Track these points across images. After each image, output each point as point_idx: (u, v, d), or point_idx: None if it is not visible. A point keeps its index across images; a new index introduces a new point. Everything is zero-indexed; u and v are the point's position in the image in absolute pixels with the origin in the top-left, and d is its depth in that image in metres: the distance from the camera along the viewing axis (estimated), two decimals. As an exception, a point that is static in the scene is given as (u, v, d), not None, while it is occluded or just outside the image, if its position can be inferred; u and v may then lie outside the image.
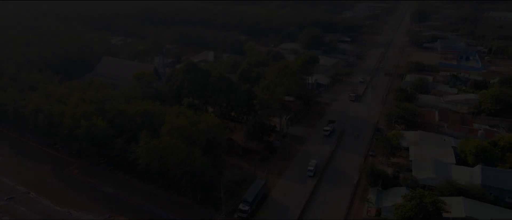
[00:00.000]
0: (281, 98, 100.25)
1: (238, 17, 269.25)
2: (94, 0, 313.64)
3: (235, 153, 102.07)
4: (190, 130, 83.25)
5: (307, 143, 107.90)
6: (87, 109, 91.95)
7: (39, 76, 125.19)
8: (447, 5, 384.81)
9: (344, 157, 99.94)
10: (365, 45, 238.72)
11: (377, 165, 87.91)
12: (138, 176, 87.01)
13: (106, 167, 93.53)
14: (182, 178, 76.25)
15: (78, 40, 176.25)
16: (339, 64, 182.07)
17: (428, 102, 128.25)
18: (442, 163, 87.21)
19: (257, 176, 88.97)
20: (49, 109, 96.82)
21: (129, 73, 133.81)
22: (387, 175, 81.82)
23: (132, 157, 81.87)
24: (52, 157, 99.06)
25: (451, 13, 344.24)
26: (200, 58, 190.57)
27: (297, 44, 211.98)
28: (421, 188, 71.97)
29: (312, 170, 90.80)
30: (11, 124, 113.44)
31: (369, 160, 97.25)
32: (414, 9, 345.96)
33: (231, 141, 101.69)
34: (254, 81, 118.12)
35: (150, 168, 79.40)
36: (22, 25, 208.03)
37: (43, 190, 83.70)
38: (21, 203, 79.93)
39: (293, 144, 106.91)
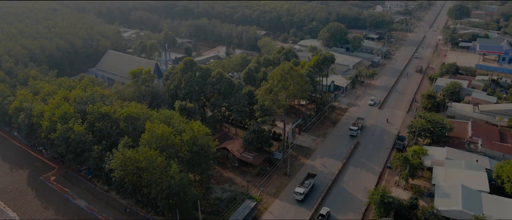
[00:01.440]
0: (285, 104, 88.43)
1: (258, 11, 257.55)
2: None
3: (231, 164, 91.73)
4: (173, 140, 73.52)
5: (315, 156, 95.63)
6: (67, 110, 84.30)
7: (34, 71, 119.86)
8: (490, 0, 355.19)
9: (355, 173, 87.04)
10: (394, 44, 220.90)
11: (391, 190, 74.60)
12: (116, 188, 78.42)
13: (86, 175, 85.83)
14: (158, 196, 66.59)
15: (84, 33, 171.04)
16: (362, 65, 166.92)
17: (460, 112, 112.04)
18: (473, 191, 72.67)
19: (250, 194, 78.22)
20: (30, 108, 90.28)
21: (129, 68, 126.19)
22: (401, 205, 68.51)
23: (108, 168, 73.23)
24: (33, 160, 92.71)
25: (494, 9, 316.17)
26: (212, 54, 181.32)
27: (318, 41, 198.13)
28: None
29: (302, 193, 76.68)
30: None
31: (383, 181, 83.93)
32: (452, 4, 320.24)
33: (227, 150, 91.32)
34: (261, 82, 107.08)
35: (125, 182, 70.48)
36: (37, 16, 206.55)
37: (12, 200, 77.02)
38: (-14, 214, 73.58)
39: (298, 156, 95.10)
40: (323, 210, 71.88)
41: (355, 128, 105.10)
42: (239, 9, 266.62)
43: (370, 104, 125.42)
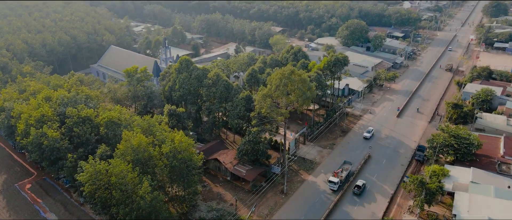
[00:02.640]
0: (285, 112, 78.65)
1: (275, 6, 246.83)
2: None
3: (223, 177, 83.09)
4: (151, 152, 65.52)
5: (318, 170, 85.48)
6: (45, 113, 77.96)
7: (27, 67, 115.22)
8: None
9: (362, 195, 76.39)
10: (420, 43, 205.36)
11: (403, 218, 63.81)
12: (90, 202, 71.34)
13: (64, 184, 79.46)
14: (126, 218, 58.79)
15: (90, 27, 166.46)
16: (383, 66, 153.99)
17: (492, 125, 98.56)
18: (502, 226, 60.83)
19: (238, 215, 69.38)
20: (11, 108, 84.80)
21: (130, 65, 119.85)
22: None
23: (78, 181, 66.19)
24: (13, 165, 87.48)
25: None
26: (221, 51, 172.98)
27: (336, 39, 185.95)
28: None
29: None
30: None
31: (394, 205, 72.95)
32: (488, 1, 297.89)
33: (218, 162, 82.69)
34: (265, 85, 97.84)
35: (95, 198, 63.15)
36: (48, 9, 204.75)
37: (-20, 210, 71.43)
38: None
39: (299, 171, 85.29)
40: (359, 182, 77.60)
41: (336, 179, 76.97)
42: (256, 4, 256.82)
43: (365, 138, 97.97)
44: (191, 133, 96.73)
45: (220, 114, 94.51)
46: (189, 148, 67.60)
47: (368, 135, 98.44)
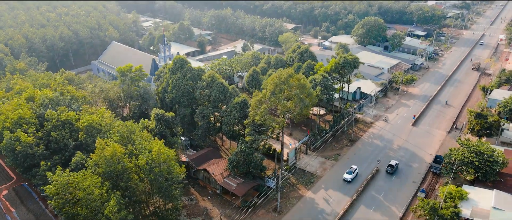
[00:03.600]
0: (281, 121, 70.99)
1: (290, 2, 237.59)
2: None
3: (212, 190, 76.36)
4: (125, 164, 59.29)
5: (318, 185, 77.52)
6: (23, 115, 73.01)
7: (21, 63, 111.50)
8: None
9: (366, 216, 68.10)
10: (444, 42, 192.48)
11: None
12: (64, 214, 66.00)
13: (41, 192, 74.48)
14: (91, 239, 52.88)
15: (94, 22, 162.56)
16: (400, 67, 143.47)
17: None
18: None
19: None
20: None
21: (134, 63, 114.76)
22: None
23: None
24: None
25: None
26: (228, 49, 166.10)
27: (352, 37, 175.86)
28: None
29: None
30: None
31: (403, 231, 64.45)
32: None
33: (208, 173, 75.94)
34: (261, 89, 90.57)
35: (63, 214, 57.51)
36: (55, 3, 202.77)
37: None
38: None
39: (297, 186, 77.59)
40: (392, 162, 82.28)
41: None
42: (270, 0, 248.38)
43: (345, 180, 77.90)
44: (183, 139, 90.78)
45: (214, 118, 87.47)
46: (168, 160, 60.95)
47: (348, 176, 77.48)
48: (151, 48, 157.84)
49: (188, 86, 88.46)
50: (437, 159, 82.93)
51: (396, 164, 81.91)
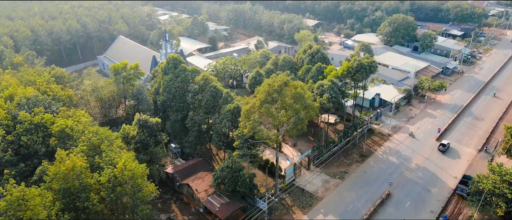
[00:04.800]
0: (274, 136, 61.81)
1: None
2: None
3: (196, 207, 68.58)
4: (86, 181, 52.43)
5: (317, 209, 67.92)
6: (-3, 115, 68.13)
7: (19, 57, 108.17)
8: None
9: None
10: (483, 44, 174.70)
11: None
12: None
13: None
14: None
15: (104, 14, 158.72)
16: (429, 71, 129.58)
17: None
18: None
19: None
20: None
21: (137, 59, 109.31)
22: None
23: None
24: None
25: None
26: (242, 46, 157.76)
27: (377, 36, 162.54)
28: None
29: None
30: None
31: None
32: None
33: (191, 189, 68.18)
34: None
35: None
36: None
37: None
38: None
39: (293, 208, 68.34)
40: (444, 141, 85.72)
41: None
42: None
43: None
44: (173, 146, 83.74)
45: (206, 126, 79.36)
46: (135, 177, 53.49)
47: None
48: (160, 43, 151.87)
49: (180, 88, 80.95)
50: (465, 180, 71.21)
51: (448, 143, 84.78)
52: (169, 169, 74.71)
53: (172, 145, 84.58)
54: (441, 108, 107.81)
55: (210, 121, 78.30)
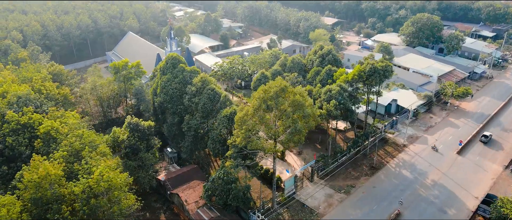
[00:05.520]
0: (268, 147, 56.36)
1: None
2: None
3: (186, 219, 64.14)
4: (59, 191, 48.82)
5: (318, 227, 62.20)
6: (-19, 115, 65.88)
7: (23, 53, 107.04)
8: None
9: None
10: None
11: None
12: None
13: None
14: None
15: (116, 9, 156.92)
16: (454, 76, 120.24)
17: None
18: None
19: None
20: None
21: (143, 56, 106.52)
22: None
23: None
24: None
25: None
26: (255, 44, 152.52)
27: (399, 36, 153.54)
28: None
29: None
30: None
31: None
32: None
33: (180, 199, 63.83)
34: None
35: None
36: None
37: None
38: None
39: (290, 225, 62.84)
40: (487, 133, 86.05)
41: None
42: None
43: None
44: (169, 150, 79.76)
45: (202, 131, 74.78)
46: (113, 188, 49.44)
47: None
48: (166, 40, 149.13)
49: (178, 90, 76.74)
50: (488, 199, 63.71)
51: (490, 135, 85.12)
52: (162, 176, 70.70)
53: (168, 149, 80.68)
54: (465, 117, 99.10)
55: (206, 123, 73.74)
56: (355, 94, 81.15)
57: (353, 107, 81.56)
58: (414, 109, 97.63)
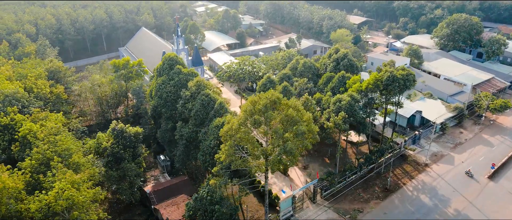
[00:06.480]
0: (259, 165, 49.49)
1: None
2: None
3: (167, 239, 58.57)
4: (15, 207, 44.35)
5: (314, 259, 54.76)
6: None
7: (30, 47, 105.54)
8: None
9: None
10: None
11: None
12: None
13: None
14: None
15: (132, 4, 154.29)
16: (493, 85, 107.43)
17: None
18: None
19: None
20: None
21: (151, 54, 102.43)
22: None
23: None
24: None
25: None
26: (273, 44, 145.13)
27: (432, 39, 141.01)
28: None
29: None
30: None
31: None
32: None
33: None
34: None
35: None
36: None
37: None
38: None
39: (281, 254, 55.69)
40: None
41: None
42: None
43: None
44: (162, 158, 74.56)
45: (193, 141, 68.74)
46: (75, 206, 44.37)
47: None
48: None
49: (173, 93, 71.25)
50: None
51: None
52: (148, 187, 65.54)
53: (161, 156, 75.52)
54: (502, 134, 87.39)
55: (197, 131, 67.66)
56: (370, 105, 72.47)
57: (369, 118, 73.06)
58: (442, 122, 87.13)
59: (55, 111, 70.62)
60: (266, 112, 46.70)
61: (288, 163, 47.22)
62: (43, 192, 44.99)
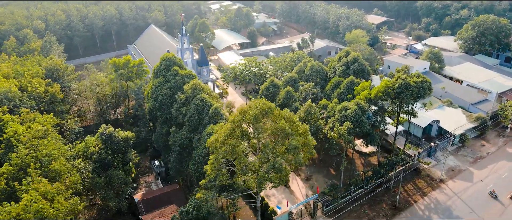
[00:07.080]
0: (247, 182, 45.24)
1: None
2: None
3: (153, 253, 55.22)
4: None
5: None
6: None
7: (36, 43, 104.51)
8: None
9: None
10: None
11: None
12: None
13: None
14: None
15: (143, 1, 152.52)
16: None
17: None
18: None
19: None
20: None
21: (159, 52, 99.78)
22: None
23: None
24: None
25: None
26: (285, 44, 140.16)
27: (456, 41, 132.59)
28: None
29: None
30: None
31: None
32: None
33: (148, 228, 54.84)
34: (284, 107, 65.44)
35: None
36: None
37: None
38: None
39: None
40: None
41: None
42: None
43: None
44: (156, 163, 71.34)
45: (186, 148, 65.09)
46: (47, 217, 41.33)
47: None
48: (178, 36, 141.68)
49: (168, 96, 67.85)
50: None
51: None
52: (139, 195, 62.38)
53: (156, 162, 72.26)
54: (531, 149, 79.98)
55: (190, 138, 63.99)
56: (380, 114, 66.96)
57: (380, 127, 67.60)
58: (461, 133, 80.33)
59: (48, 111, 68.46)
60: (255, 122, 42.36)
61: (278, 181, 42.64)
62: (12, 202, 42.18)
